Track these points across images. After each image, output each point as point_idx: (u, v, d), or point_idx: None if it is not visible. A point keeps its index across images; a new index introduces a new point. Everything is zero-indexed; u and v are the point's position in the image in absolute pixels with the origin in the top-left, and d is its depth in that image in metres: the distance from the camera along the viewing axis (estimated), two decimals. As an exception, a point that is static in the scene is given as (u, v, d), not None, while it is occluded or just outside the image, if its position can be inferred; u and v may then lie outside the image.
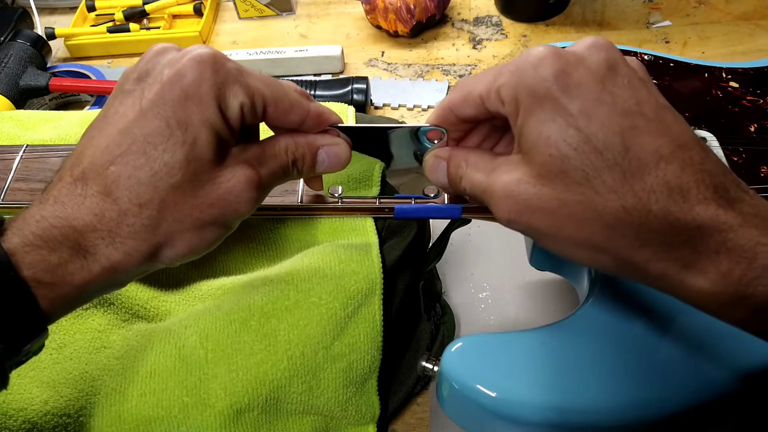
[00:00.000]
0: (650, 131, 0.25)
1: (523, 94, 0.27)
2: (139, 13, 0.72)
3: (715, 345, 0.34)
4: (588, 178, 0.25)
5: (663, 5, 0.71)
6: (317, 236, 0.41)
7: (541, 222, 0.27)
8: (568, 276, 0.43)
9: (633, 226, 0.25)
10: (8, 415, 0.32)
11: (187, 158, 0.27)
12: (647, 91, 0.27)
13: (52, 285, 0.25)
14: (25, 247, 0.25)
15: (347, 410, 0.37)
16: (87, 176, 0.27)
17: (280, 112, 0.30)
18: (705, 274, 0.25)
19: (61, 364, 0.35)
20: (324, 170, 0.33)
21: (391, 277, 0.39)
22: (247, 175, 0.29)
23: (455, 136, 0.33)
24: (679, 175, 0.25)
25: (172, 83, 0.27)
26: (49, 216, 0.26)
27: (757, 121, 0.45)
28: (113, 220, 0.26)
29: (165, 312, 0.39)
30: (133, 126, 0.27)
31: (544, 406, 0.32)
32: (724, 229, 0.24)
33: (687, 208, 0.24)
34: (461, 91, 0.30)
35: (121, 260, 0.27)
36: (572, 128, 0.26)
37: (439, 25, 0.71)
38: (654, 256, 0.25)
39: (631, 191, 0.25)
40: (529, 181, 0.27)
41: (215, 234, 0.29)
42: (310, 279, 0.38)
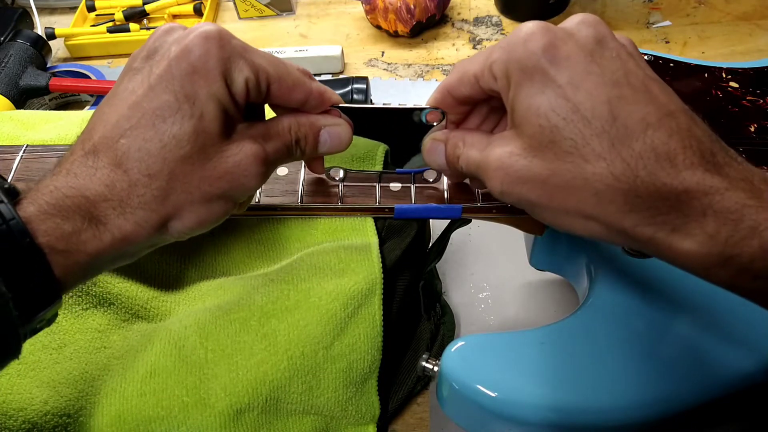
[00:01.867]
0: (637, 100, 0.26)
1: (514, 69, 0.27)
2: (139, 13, 0.72)
3: (716, 345, 0.34)
4: (577, 146, 0.26)
5: (663, 5, 0.71)
6: (317, 236, 0.41)
7: (532, 192, 0.28)
8: (568, 276, 0.43)
9: (621, 192, 0.26)
10: (8, 415, 0.32)
11: (195, 131, 0.28)
12: (635, 64, 0.27)
13: (66, 253, 0.26)
14: (40, 215, 0.25)
15: (347, 410, 0.37)
16: (98, 149, 0.27)
17: (283, 90, 0.31)
18: (692, 236, 0.25)
19: (61, 364, 0.35)
20: (327, 150, 0.33)
21: (391, 277, 0.39)
22: (253, 149, 0.29)
23: (454, 119, 0.34)
24: (666, 141, 0.25)
25: (180, 59, 0.28)
26: (62, 186, 0.27)
27: (757, 121, 0.45)
28: (124, 191, 0.27)
29: (165, 312, 0.39)
30: (143, 100, 0.28)
31: (544, 406, 0.32)
32: (710, 192, 0.25)
33: (674, 173, 0.25)
34: (457, 72, 0.31)
35: (131, 230, 0.27)
36: (561, 99, 0.26)
37: (439, 25, 0.71)
38: (642, 221, 0.26)
39: (619, 158, 0.25)
40: (520, 152, 0.28)
41: (223, 208, 0.30)
42: (310, 279, 0.38)
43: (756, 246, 0.24)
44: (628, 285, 0.37)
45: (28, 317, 0.25)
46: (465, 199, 0.39)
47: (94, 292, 0.37)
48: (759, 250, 0.24)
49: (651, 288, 0.36)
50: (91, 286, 0.37)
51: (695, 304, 0.36)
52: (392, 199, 0.39)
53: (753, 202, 0.24)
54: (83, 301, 0.37)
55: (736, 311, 0.35)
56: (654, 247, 0.26)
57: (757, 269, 0.24)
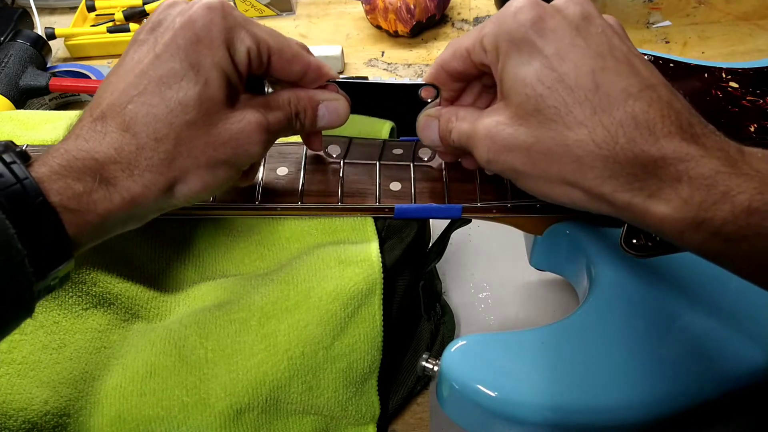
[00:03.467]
0: (620, 72, 0.27)
1: (503, 40, 0.29)
2: (139, 13, 0.72)
3: (716, 345, 0.34)
4: (560, 114, 0.27)
5: (663, 5, 0.71)
6: (317, 236, 0.41)
7: (517, 160, 0.29)
8: (568, 276, 0.43)
9: (601, 158, 0.27)
10: (8, 415, 0.32)
11: (200, 97, 0.29)
12: (619, 40, 0.28)
13: (78, 212, 0.27)
14: (52, 176, 0.26)
15: (347, 410, 0.37)
16: (106, 115, 0.29)
17: (283, 62, 0.32)
18: (667, 201, 0.26)
19: (61, 363, 0.35)
20: (325, 124, 0.34)
21: (391, 277, 0.39)
22: (256, 117, 0.31)
23: (449, 96, 0.35)
24: (646, 110, 0.26)
25: (184, 28, 0.29)
26: (72, 149, 0.28)
27: (757, 121, 0.45)
28: (132, 153, 0.28)
29: (165, 312, 0.39)
30: (149, 69, 0.29)
31: (544, 406, 0.32)
32: (686, 159, 0.26)
33: (652, 140, 0.26)
34: (451, 48, 0.32)
35: (139, 192, 0.28)
36: (547, 69, 0.27)
37: (439, 25, 0.71)
38: (621, 187, 0.27)
39: (600, 125, 0.26)
40: (507, 122, 0.29)
41: (227, 173, 0.31)
42: (310, 279, 0.38)
43: (728, 210, 0.25)
44: (628, 285, 0.37)
45: (42, 274, 0.26)
46: (465, 199, 0.39)
47: (94, 292, 0.37)
48: (730, 214, 0.25)
49: (651, 287, 0.36)
50: (91, 286, 0.37)
51: (695, 303, 0.36)
52: (392, 199, 0.39)
53: (726, 169, 0.25)
54: (83, 301, 0.37)
55: (737, 310, 0.35)
56: (631, 212, 0.27)
57: (727, 232, 0.25)
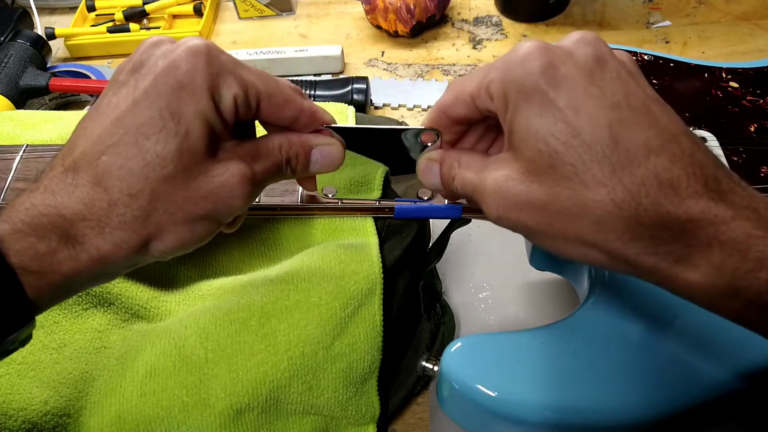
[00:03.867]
0: (639, 123, 0.25)
1: (512, 89, 0.26)
2: (139, 13, 0.72)
3: (716, 345, 0.34)
4: (577, 172, 0.25)
5: (663, 5, 0.71)
6: (317, 236, 0.41)
7: (531, 218, 0.27)
8: (568, 276, 0.43)
9: (623, 219, 0.25)
10: (8, 415, 0.32)
11: (180, 149, 0.27)
12: (635, 84, 0.26)
13: (40, 273, 0.25)
14: (14, 234, 0.25)
15: (347, 410, 0.37)
16: (78, 166, 0.26)
17: (273, 107, 0.30)
18: (697, 267, 0.24)
19: (61, 364, 0.35)
20: (318, 170, 0.32)
21: (391, 277, 0.39)
22: (240, 169, 0.28)
23: (450, 139, 0.32)
24: (669, 167, 0.24)
25: (166, 74, 0.27)
26: (38, 204, 0.26)
27: (757, 121, 0.45)
28: (103, 210, 0.26)
29: (165, 312, 0.39)
30: (126, 116, 0.27)
31: (544, 406, 0.32)
32: (715, 222, 0.24)
33: (677, 201, 0.24)
34: (452, 91, 0.30)
35: (110, 251, 0.26)
36: (560, 122, 0.25)
37: (439, 25, 0.71)
38: (645, 249, 0.25)
39: (621, 185, 0.25)
40: (518, 177, 0.27)
41: (206, 229, 0.29)
42: (310, 279, 0.38)
43: (764, 278, 0.23)
44: (628, 285, 0.37)
45: None
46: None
47: (94, 292, 0.37)
48: (767, 282, 0.23)
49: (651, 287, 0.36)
50: (91, 286, 0.37)
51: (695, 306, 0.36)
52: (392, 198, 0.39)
53: (759, 233, 0.23)
54: (83, 301, 0.37)
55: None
56: (657, 277, 0.26)
57: (765, 302, 0.23)
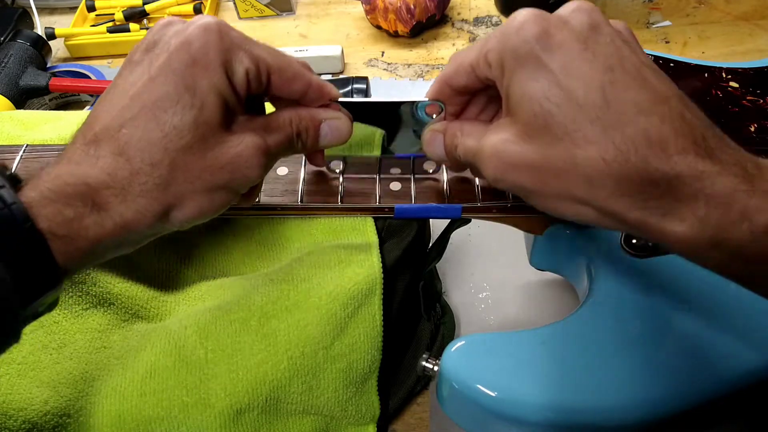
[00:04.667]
0: (630, 86, 0.26)
1: (508, 56, 0.28)
2: (139, 13, 0.72)
3: (717, 344, 0.34)
4: (569, 132, 0.26)
5: (663, 5, 0.71)
6: (317, 236, 0.41)
7: (526, 179, 0.28)
8: (568, 276, 0.43)
9: (612, 176, 0.26)
10: (8, 415, 0.32)
11: (196, 121, 0.28)
12: (630, 50, 0.27)
13: (67, 238, 0.26)
14: (41, 201, 0.26)
15: (347, 410, 0.37)
16: (99, 139, 0.28)
17: (283, 81, 0.31)
18: (683, 220, 0.25)
19: (61, 364, 0.35)
20: (327, 143, 0.34)
21: (391, 277, 0.39)
22: (255, 141, 0.30)
23: (453, 111, 0.34)
24: (658, 126, 0.25)
25: (180, 50, 0.28)
26: (63, 174, 0.27)
27: (757, 121, 0.45)
28: (125, 179, 0.27)
29: (165, 312, 0.39)
30: (143, 92, 0.28)
31: (544, 406, 0.32)
32: (701, 177, 0.25)
33: (665, 157, 0.25)
34: (454, 63, 0.32)
35: (133, 218, 0.28)
36: (554, 85, 0.26)
37: (439, 25, 0.71)
38: (634, 205, 0.26)
39: (611, 143, 0.26)
40: (514, 139, 0.28)
41: (224, 198, 0.30)
42: (310, 279, 0.38)
43: (746, 230, 0.24)
44: (628, 284, 0.37)
45: (28, 301, 0.26)
46: (465, 199, 0.39)
47: (94, 292, 0.37)
48: (749, 234, 0.24)
49: (651, 287, 0.36)
50: (91, 286, 0.37)
51: (696, 303, 0.36)
52: (392, 198, 0.39)
53: (744, 187, 0.24)
54: (83, 301, 0.37)
55: (738, 309, 0.35)
56: (645, 230, 0.27)
57: (747, 254, 0.24)
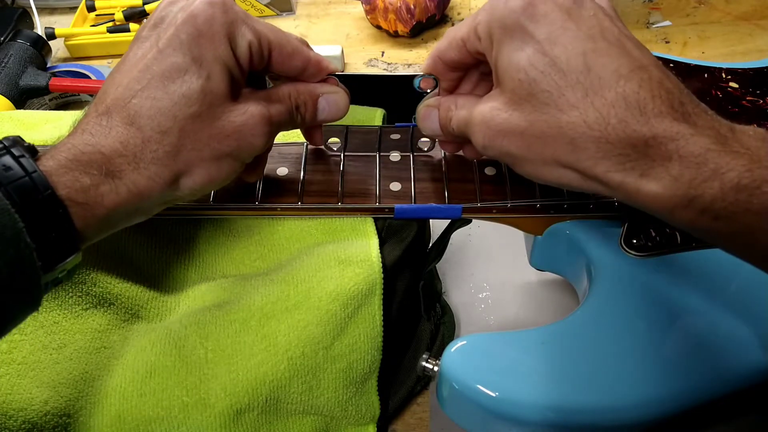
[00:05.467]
0: (611, 53, 0.27)
1: (495, 27, 0.29)
2: (139, 13, 0.72)
3: (717, 344, 0.34)
4: (553, 98, 0.28)
5: (663, 5, 0.71)
6: (317, 236, 0.41)
7: (513, 144, 0.30)
8: (568, 276, 0.43)
9: (593, 139, 0.27)
10: (8, 415, 0.32)
11: (203, 90, 0.29)
12: (611, 22, 0.29)
13: (86, 205, 0.27)
14: (59, 169, 0.27)
15: (347, 410, 0.37)
16: (111, 110, 0.29)
17: (284, 56, 0.32)
18: (658, 179, 0.26)
19: (61, 364, 0.35)
20: (325, 117, 0.35)
21: (391, 277, 0.39)
22: (259, 110, 0.31)
23: (447, 86, 0.35)
24: (636, 90, 0.26)
25: (186, 23, 0.29)
26: (78, 144, 0.28)
27: (757, 121, 0.45)
28: (137, 147, 0.29)
29: (165, 312, 0.39)
30: (152, 64, 0.29)
31: (544, 406, 0.32)
32: (676, 138, 0.26)
33: (643, 120, 0.26)
34: (446, 38, 0.33)
35: (145, 185, 0.29)
36: (538, 53, 0.28)
37: (439, 25, 0.71)
38: (613, 167, 0.27)
39: (592, 107, 0.27)
40: (501, 107, 0.30)
41: (231, 166, 0.31)
42: (310, 279, 0.38)
43: (717, 188, 0.25)
44: (628, 284, 0.37)
45: (49, 267, 0.26)
46: (465, 199, 0.39)
47: (94, 292, 0.37)
48: (719, 191, 0.25)
49: (651, 287, 0.36)
50: (91, 286, 0.37)
51: (695, 303, 0.36)
52: (392, 199, 0.39)
53: (717, 147, 0.25)
54: (83, 301, 0.37)
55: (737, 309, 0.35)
56: (623, 191, 0.27)
57: (716, 210, 0.25)
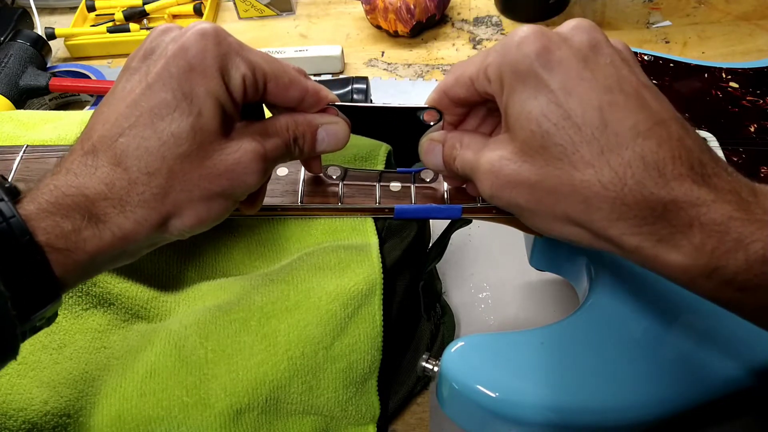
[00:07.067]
0: (629, 107, 0.26)
1: (507, 72, 0.28)
2: (139, 13, 0.72)
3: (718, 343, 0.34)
4: (566, 153, 0.26)
5: (663, 5, 0.71)
6: (317, 236, 0.41)
7: (521, 197, 0.28)
8: (568, 276, 0.43)
9: (608, 200, 0.26)
10: (8, 415, 0.32)
11: (194, 128, 0.28)
12: (629, 70, 0.27)
13: (66, 251, 0.26)
14: (40, 213, 0.25)
15: (347, 410, 0.37)
16: (97, 149, 0.27)
17: (280, 88, 0.31)
18: (678, 247, 0.25)
19: (61, 364, 0.35)
20: (324, 149, 0.33)
21: (391, 277, 0.39)
22: (253, 147, 0.29)
23: (452, 120, 0.34)
24: (655, 150, 0.25)
25: (177, 57, 0.28)
26: (61, 185, 0.27)
27: (757, 121, 0.45)
28: (123, 189, 0.27)
29: (165, 312, 0.39)
30: (141, 99, 0.28)
31: (544, 406, 0.32)
32: (697, 204, 0.25)
33: (662, 183, 0.25)
34: (453, 74, 0.31)
35: (131, 229, 0.27)
36: (553, 104, 0.26)
37: (439, 25, 0.71)
38: (628, 230, 0.26)
39: (608, 166, 0.26)
40: (511, 157, 0.28)
41: (222, 206, 0.30)
42: (310, 279, 0.38)
43: (741, 259, 0.24)
44: (628, 285, 0.37)
45: (26, 316, 0.25)
46: (465, 199, 0.39)
47: (94, 292, 0.37)
48: (744, 263, 0.24)
49: (651, 288, 0.36)
50: (91, 286, 0.37)
51: (696, 305, 0.36)
52: (392, 199, 0.39)
53: (739, 215, 0.24)
54: (83, 301, 0.37)
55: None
56: (640, 256, 0.26)
57: (741, 282, 0.24)
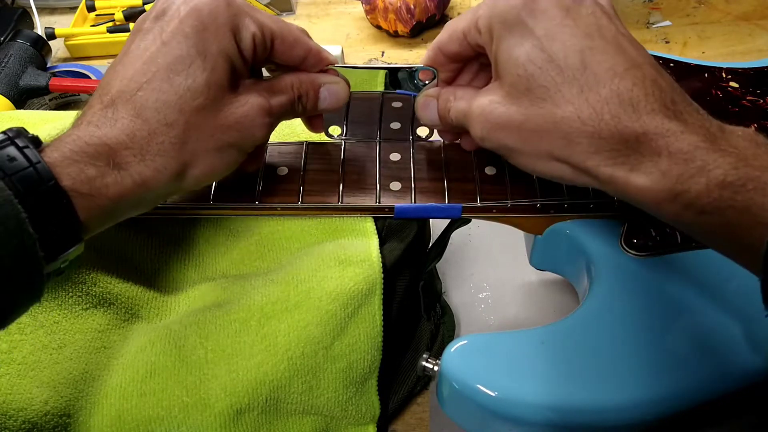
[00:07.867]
0: (607, 51, 0.28)
1: (496, 22, 0.30)
2: (139, 13, 0.72)
3: (717, 344, 0.34)
4: (549, 93, 0.28)
5: (663, 5, 0.71)
6: (317, 236, 0.41)
7: (509, 138, 0.30)
8: (568, 276, 0.43)
9: (587, 134, 0.28)
10: (8, 415, 0.32)
11: (208, 83, 0.30)
12: (608, 20, 0.29)
13: (90, 196, 0.27)
14: (64, 160, 0.27)
15: (347, 410, 0.37)
16: (116, 102, 0.29)
17: (286, 46, 0.33)
18: (647, 174, 0.27)
19: (61, 363, 0.35)
20: (326, 107, 0.36)
21: (391, 277, 0.39)
22: (259, 102, 0.32)
23: (446, 77, 0.36)
24: (630, 88, 0.27)
25: (190, 17, 0.30)
26: (84, 135, 0.28)
27: (757, 121, 0.45)
28: (144, 139, 0.29)
29: (165, 312, 0.39)
30: (157, 56, 0.30)
31: (544, 406, 0.32)
32: (667, 134, 0.27)
33: (635, 117, 0.27)
34: (447, 30, 0.34)
35: (151, 176, 0.29)
36: (537, 49, 0.29)
37: (439, 25, 0.71)
38: (604, 161, 0.28)
39: (587, 103, 0.28)
40: (500, 101, 0.30)
41: (233, 156, 0.32)
42: (310, 279, 0.38)
43: (703, 183, 0.26)
44: (627, 284, 0.37)
45: (52, 257, 0.26)
46: (465, 199, 0.39)
47: (94, 292, 0.37)
48: (705, 187, 0.26)
49: (651, 288, 0.36)
50: (91, 286, 0.37)
51: (695, 304, 0.36)
52: (392, 198, 0.39)
53: (705, 144, 0.26)
54: (83, 301, 0.37)
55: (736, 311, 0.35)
56: (613, 185, 0.28)
57: (701, 205, 0.26)
